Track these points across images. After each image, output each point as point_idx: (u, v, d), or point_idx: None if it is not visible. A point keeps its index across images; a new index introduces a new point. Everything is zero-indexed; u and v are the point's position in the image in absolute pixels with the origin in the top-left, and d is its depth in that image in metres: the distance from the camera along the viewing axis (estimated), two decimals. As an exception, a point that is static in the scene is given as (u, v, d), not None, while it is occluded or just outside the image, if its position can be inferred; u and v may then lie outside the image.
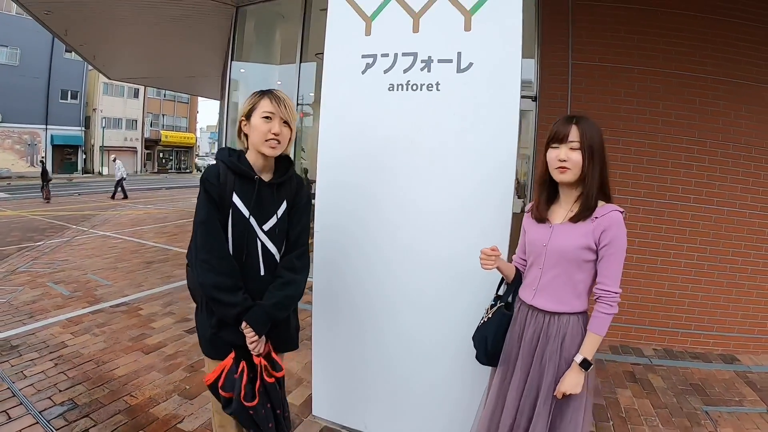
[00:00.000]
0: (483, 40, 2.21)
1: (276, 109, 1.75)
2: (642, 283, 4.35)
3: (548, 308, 1.76)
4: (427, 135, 2.35)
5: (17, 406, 2.81)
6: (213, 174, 1.73)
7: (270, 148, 1.77)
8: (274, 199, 1.83)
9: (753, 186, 4.31)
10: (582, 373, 1.67)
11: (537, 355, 1.76)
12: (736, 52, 4.27)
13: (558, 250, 1.72)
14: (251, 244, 1.78)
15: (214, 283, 1.69)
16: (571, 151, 1.68)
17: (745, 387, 3.65)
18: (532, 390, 1.77)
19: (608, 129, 4.08)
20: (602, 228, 1.65)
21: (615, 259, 1.66)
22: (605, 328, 1.67)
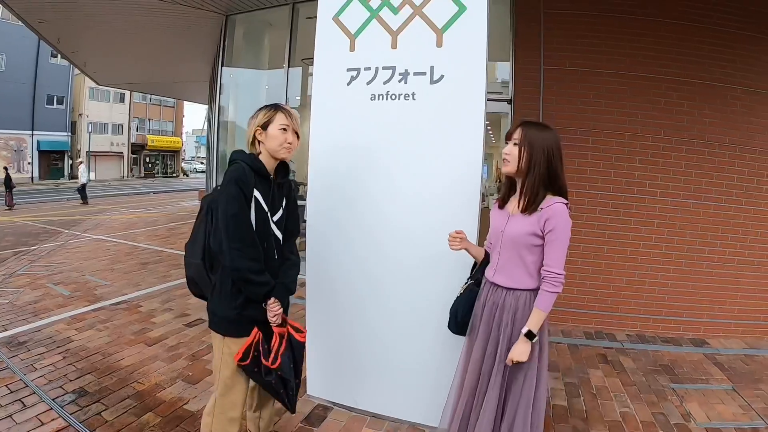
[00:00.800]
0: (453, 55, 2.51)
1: (290, 122, 2.09)
2: (613, 272, 4.63)
3: (504, 284, 2.04)
4: (405, 138, 2.65)
5: (31, 395, 2.96)
6: (242, 172, 2.00)
7: (287, 152, 2.10)
8: (280, 196, 2.18)
9: (717, 180, 4.60)
10: (528, 343, 1.92)
11: (494, 326, 2.04)
12: (698, 54, 4.55)
13: (511, 236, 1.99)
14: (267, 233, 2.10)
15: (248, 267, 1.96)
16: (513, 147, 1.97)
17: (713, 367, 3.91)
18: (490, 356, 2.04)
19: (578, 129, 4.42)
20: (546, 217, 1.90)
21: (558, 244, 1.90)
22: (550, 304, 1.92)
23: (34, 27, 7.94)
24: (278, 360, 2.06)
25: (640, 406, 3.21)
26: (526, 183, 1.95)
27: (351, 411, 2.94)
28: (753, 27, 4.59)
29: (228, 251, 1.94)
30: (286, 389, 2.14)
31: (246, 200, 1.99)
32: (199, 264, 2.10)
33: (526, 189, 1.95)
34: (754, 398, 3.38)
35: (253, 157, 2.10)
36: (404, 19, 2.60)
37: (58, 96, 32.92)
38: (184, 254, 2.19)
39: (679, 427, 2.96)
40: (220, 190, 2.02)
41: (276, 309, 2.06)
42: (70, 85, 33.46)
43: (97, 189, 25.66)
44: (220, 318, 2.10)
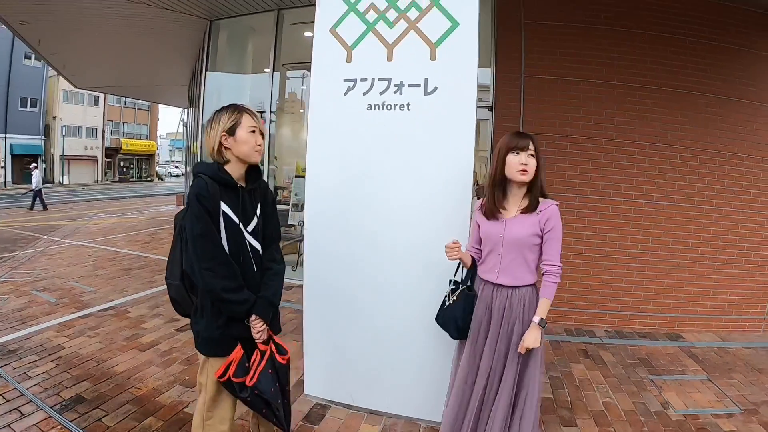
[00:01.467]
0: (446, 69, 2.67)
1: (257, 123, 2.01)
2: (592, 272, 4.83)
3: (510, 283, 2.21)
4: (400, 146, 2.79)
5: (27, 403, 2.94)
6: (203, 188, 1.88)
7: (259, 155, 2.03)
8: (252, 203, 2.06)
9: (689, 183, 4.84)
10: (540, 330, 2.12)
11: (504, 322, 2.20)
12: (672, 64, 4.79)
13: (513, 238, 2.17)
14: (243, 246, 1.99)
15: (222, 287, 1.87)
16: (530, 158, 2.13)
17: (688, 359, 4.14)
18: (501, 351, 2.21)
19: (557, 135, 4.60)
20: (546, 218, 2.12)
21: (556, 240, 2.13)
22: (553, 293, 2.14)
23: (15, 28, 7.85)
24: (255, 378, 1.94)
25: (621, 396, 3.41)
26: (534, 188, 2.17)
27: (349, 408, 3.05)
28: (721, 38, 4.84)
29: (199, 273, 1.86)
30: (270, 408, 2.03)
31: (211, 217, 1.89)
32: (179, 285, 2.02)
33: (534, 193, 2.17)
34: (727, 387, 3.62)
35: (215, 167, 1.97)
36: (399, 32, 2.74)
37: (32, 98, 32.20)
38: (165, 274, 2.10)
39: (659, 415, 3.16)
40: (185, 209, 1.93)
41: (259, 326, 1.97)
42: (44, 87, 32.77)
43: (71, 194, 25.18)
44: (204, 339, 2.00)
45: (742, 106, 4.91)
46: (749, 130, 4.92)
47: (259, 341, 2.00)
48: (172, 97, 16.25)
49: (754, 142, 4.93)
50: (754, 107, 4.94)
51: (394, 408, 2.95)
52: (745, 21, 4.90)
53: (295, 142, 8.01)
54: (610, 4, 4.73)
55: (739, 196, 4.90)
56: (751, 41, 4.94)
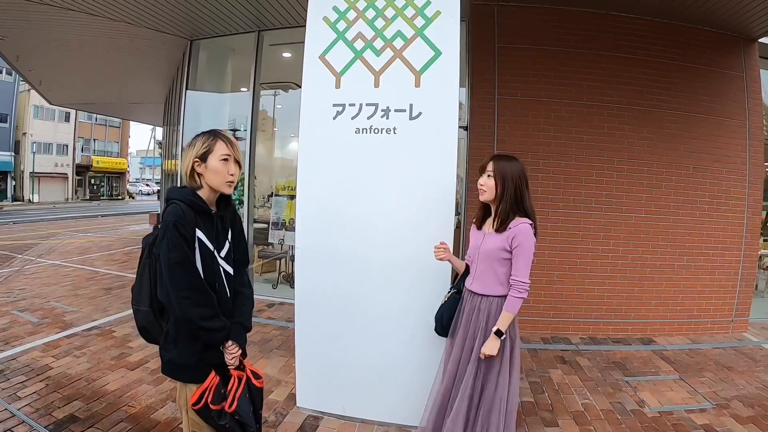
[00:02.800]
0: (429, 95, 2.86)
1: (231, 151, 1.93)
2: (566, 282, 5.04)
3: (479, 291, 2.39)
4: (387, 168, 2.96)
5: (20, 424, 2.92)
6: (180, 215, 1.83)
7: (229, 187, 1.96)
8: (224, 228, 2.04)
9: (656, 195, 5.12)
10: (497, 340, 2.26)
11: (471, 328, 2.39)
12: (638, 83, 5.09)
13: (485, 250, 2.36)
14: (217, 272, 1.96)
15: (200, 315, 1.82)
16: (487, 179, 2.34)
17: (661, 361, 4.38)
18: (467, 353, 2.38)
19: (530, 153, 4.81)
20: (513, 235, 2.27)
21: (522, 258, 2.26)
22: (516, 307, 2.27)
23: (-6, 44, 7.82)
24: (235, 403, 1.91)
25: (599, 397, 3.60)
26: (500, 208, 2.32)
27: (341, 419, 3.15)
28: (683, 57, 5.18)
29: (176, 301, 1.80)
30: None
31: (188, 244, 1.84)
32: (147, 311, 1.93)
33: (499, 213, 2.32)
34: (699, 384, 3.87)
35: (190, 193, 1.92)
36: (386, 60, 2.93)
37: (2, 114, 31.54)
38: (131, 300, 1.99)
39: (635, 413, 3.36)
40: (160, 236, 1.84)
41: (234, 351, 1.94)
42: (15, 102, 32.07)
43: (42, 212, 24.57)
44: (180, 366, 1.94)
45: (705, 121, 5.23)
46: (712, 143, 5.24)
47: (232, 367, 1.97)
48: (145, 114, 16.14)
49: (717, 155, 5.25)
50: (716, 122, 5.26)
51: (385, 416, 3.07)
52: (705, 41, 5.25)
53: (268, 161, 8.11)
54: (579, 27, 5.01)
55: (703, 206, 5.20)
56: (712, 59, 5.28)
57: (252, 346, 4.42)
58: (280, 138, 8.85)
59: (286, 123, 8.58)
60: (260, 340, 4.69)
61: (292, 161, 8.46)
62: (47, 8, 5.84)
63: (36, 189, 33.50)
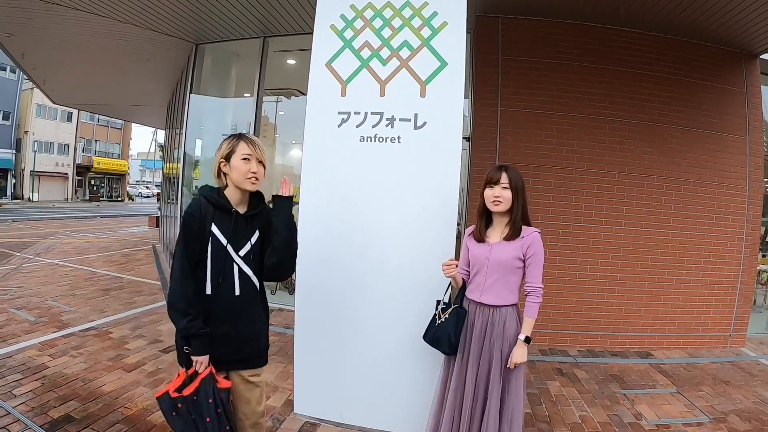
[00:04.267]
0: (434, 105, 2.89)
1: (252, 151, 2.07)
2: (564, 294, 5.05)
3: (492, 303, 2.40)
4: (391, 177, 2.98)
5: (15, 422, 2.90)
6: (195, 208, 2.02)
7: (251, 184, 2.08)
8: (248, 229, 2.12)
9: (655, 209, 5.14)
10: (525, 347, 2.32)
11: (486, 339, 2.38)
12: (640, 98, 5.12)
13: (497, 261, 2.37)
14: (228, 268, 2.05)
15: (171, 301, 1.96)
16: (503, 190, 2.35)
17: (658, 375, 4.39)
18: (485, 365, 2.38)
19: (531, 165, 4.84)
20: (528, 244, 2.33)
21: (537, 264, 2.34)
22: (536, 312, 2.33)
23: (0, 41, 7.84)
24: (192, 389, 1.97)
25: (596, 409, 3.60)
26: (513, 218, 2.36)
27: (338, 426, 3.14)
28: (685, 72, 5.22)
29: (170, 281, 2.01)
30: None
31: (193, 235, 1.99)
32: None
33: (513, 222, 2.36)
34: (696, 398, 3.87)
35: (215, 190, 2.10)
36: (392, 70, 2.96)
37: (5, 111, 31.52)
38: None
39: (633, 426, 3.37)
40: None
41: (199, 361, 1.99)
42: (18, 100, 32.09)
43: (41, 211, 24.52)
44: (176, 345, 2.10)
45: (706, 136, 5.26)
46: (712, 158, 5.27)
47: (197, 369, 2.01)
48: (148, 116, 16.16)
49: (717, 170, 5.27)
50: (717, 137, 5.30)
51: (382, 424, 3.06)
52: (707, 56, 5.29)
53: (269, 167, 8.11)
54: (582, 41, 5.05)
55: (703, 220, 5.22)
56: (714, 75, 5.32)
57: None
58: (282, 144, 8.88)
59: (288, 130, 8.61)
60: (258, 345, 4.66)
61: (292, 168, 8.51)
62: (55, 7, 5.86)
63: (36, 188, 33.49)
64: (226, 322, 2.06)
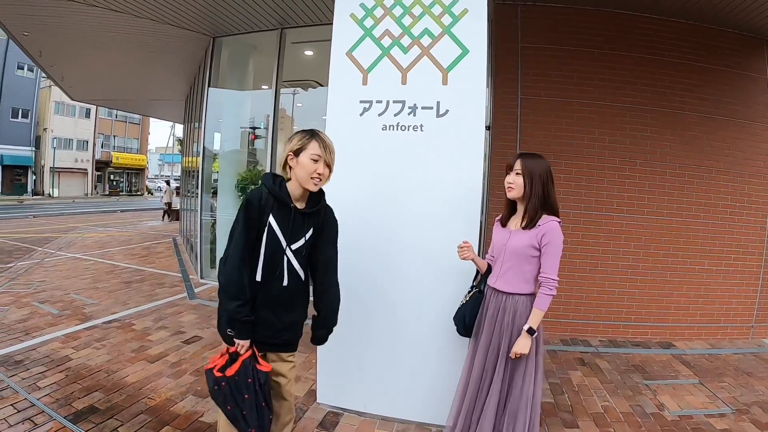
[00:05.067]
0: (457, 93, 2.86)
1: (323, 153, 2.09)
2: (586, 284, 5.00)
3: (505, 290, 2.38)
4: (413, 165, 2.96)
5: (40, 413, 2.95)
6: (256, 196, 2.05)
7: (314, 185, 2.10)
8: (304, 225, 2.16)
9: (677, 198, 5.06)
10: (529, 338, 2.26)
11: (497, 327, 2.37)
12: (661, 84, 5.03)
13: (512, 248, 2.34)
14: (279, 260, 2.11)
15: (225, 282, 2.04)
16: (516, 176, 2.33)
17: (680, 365, 4.33)
18: (493, 352, 2.37)
19: (552, 154, 4.77)
20: (543, 233, 2.27)
21: (552, 255, 2.27)
22: (546, 305, 2.27)
23: (18, 39, 7.91)
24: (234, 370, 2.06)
25: (619, 400, 3.57)
26: (528, 205, 2.32)
27: (361, 415, 3.15)
28: (708, 59, 5.11)
29: (223, 261, 2.07)
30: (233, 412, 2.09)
31: (250, 223, 2.03)
32: None
33: (528, 211, 2.32)
34: (719, 389, 3.82)
35: (278, 181, 2.12)
36: (413, 58, 2.94)
37: (24, 109, 31.99)
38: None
39: (655, 416, 3.33)
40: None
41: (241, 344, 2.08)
42: (36, 98, 32.55)
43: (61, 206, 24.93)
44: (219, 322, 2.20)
45: (728, 124, 5.16)
46: (735, 146, 5.17)
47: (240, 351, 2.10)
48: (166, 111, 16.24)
49: (740, 158, 5.18)
50: (740, 125, 5.19)
51: (405, 414, 3.07)
52: (730, 43, 5.18)
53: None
54: (602, 28, 4.96)
55: (725, 209, 5.13)
56: (736, 62, 5.21)
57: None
58: (299, 136, 8.85)
59: (306, 122, 8.60)
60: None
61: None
62: (71, 4, 5.90)
63: (56, 184, 34.02)
64: (270, 309, 2.14)
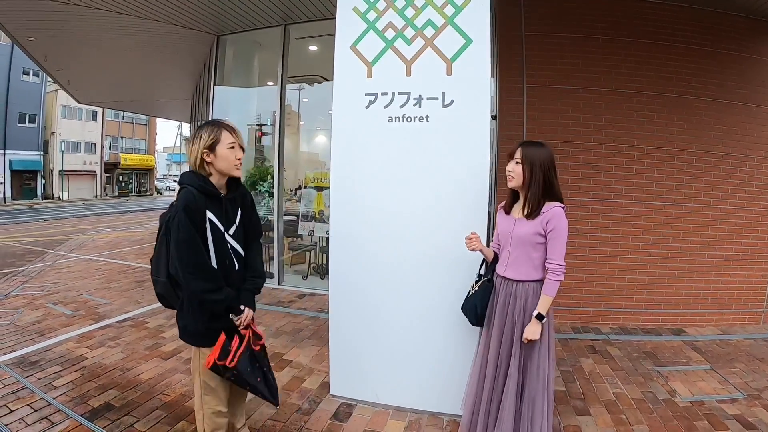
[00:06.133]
0: (461, 82, 2.86)
1: (236, 139, 2.16)
2: (596, 271, 4.99)
3: (514, 277, 2.39)
4: (419, 155, 2.96)
5: (56, 412, 2.99)
6: (191, 200, 2.06)
7: (237, 170, 2.19)
8: (234, 209, 2.27)
9: (686, 183, 5.02)
10: (538, 324, 2.28)
11: (508, 314, 2.39)
12: (667, 70, 4.99)
13: (519, 236, 2.35)
14: (226, 249, 2.20)
15: (203, 289, 2.07)
16: (515, 165, 2.34)
17: (692, 351, 4.33)
18: (507, 340, 2.38)
19: (559, 142, 4.76)
20: (547, 219, 2.28)
21: (558, 241, 2.28)
22: (554, 290, 2.29)
23: (23, 44, 7.97)
24: (235, 360, 2.16)
25: (630, 387, 3.58)
26: (529, 194, 2.32)
27: (374, 406, 3.18)
28: (713, 43, 5.05)
29: (183, 276, 2.04)
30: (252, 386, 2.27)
31: (196, 225, 2.05)
32: (165, 282, 2.15)
33: (529, 199, 2.32)
34: (730, 375, 3.81)
35: (201, 178, 2.13)
36: (417, 49, 2.93)
37: (31, 114, 32.11)
38: (150, 271, 2.27)
39: (667, 402, 3.33)
40: (172, 216, 2.08)
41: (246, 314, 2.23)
42: (43, 103, 32.68)
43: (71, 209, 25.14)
44: (191, 332, 2.22)
45: (736, 108, 5.11)
46: (743, 130, 5.12)
47: (242, 326, 2.24)
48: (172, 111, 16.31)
49: (748, 142, 5.12)
50: (747, 108, 5.14)
51: (418, 403, 3.09)
52: (736, 26, 5.12)
53: (294, 155, 8.15)
54: (606, 14, 4.92)
55: (734, 194, 5.09)
56: (743, 45, 5.15)
57: (284, 336, 4.54)
58: (306, 132, 8.89)
59: (312, 117, 8.62)
60: (292, 330, 4.75)
61: (317, 155, 8.54)
62: (74, 8, 5.94)
63: (65, 187, 34.24)
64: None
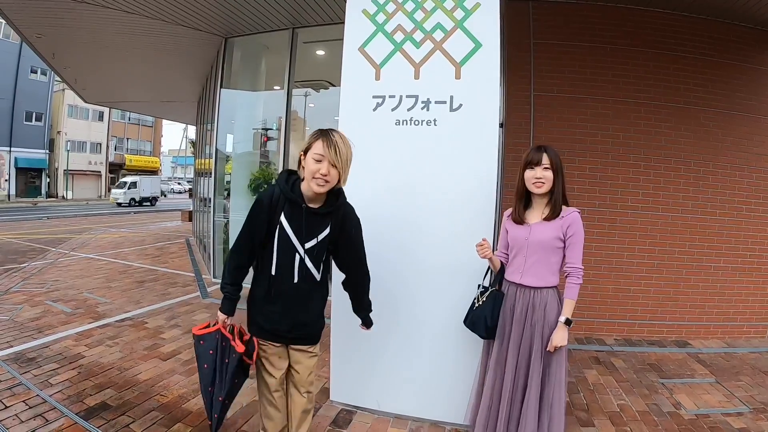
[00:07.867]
0: (470, 87, 2.83)
1: (326, 153, 1.98)
2: (601, 282, 4.94)
3: (533, 284, 2.36)
4: (428, 160, 2.94)
5: (51, 410, 2.95)
6: (267, 195, 2.10)
7: (318, 186, 2.02)
8: (318, 224, 2.14)
9: (692, 194, 4.99)
10: (566, 329, 2.27)
11: (527, 322, 2.34)
12: (675, 80, 4.97)
13: (538, 241, 2.33)
14: (291, 257, 2.13)
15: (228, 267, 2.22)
16: (544, 171, 2.31)
17: (696, 364, 4.28)
18: (525, 349, 2.34)
19: (566, 150, 4.71)
20: (568, 224, 2.29)
21: (577, 244, 2.30)
22: (576, 293, 2.29)
23: (31, 41, 7.96)
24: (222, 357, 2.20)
25: (635, 398, 3.53)
26: (553, 198, 2.32)
27: (374, 413, 3.14)
28: (721, 54, 5.03)
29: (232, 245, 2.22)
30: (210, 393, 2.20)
31: (258, 220, 2.10)
32: None
33: (554, 202, 2.32)
34: (735, 388, 3.76)
35: (291, 181, 2.14)
36: (426, 53, 2.91)
37: (37, 113, 32.35)
38: None
39: (672, 415, 3.29)
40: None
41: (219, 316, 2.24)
42: (50, 101, 32.90)
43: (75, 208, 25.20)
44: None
45: (743, 119, 5.08)
46: (750, 142, 5.09)
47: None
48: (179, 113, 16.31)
49: (755, 154, 5.10)
50: (755, 120, 5.12)
51: (419, 412, 3.04)
52: (743, 37, 5.10)
53: (299, 156, 8.10)
54: (615, 24, 4.91)
55: (741, 206, 5.05)
56: (750, 56, 5.14)
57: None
58: (312, 137, 8.83)
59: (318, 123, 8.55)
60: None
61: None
62: (83, 6, 5.94)
63: (70, 186, 34.43)
64: (281, 302, 2.19)
